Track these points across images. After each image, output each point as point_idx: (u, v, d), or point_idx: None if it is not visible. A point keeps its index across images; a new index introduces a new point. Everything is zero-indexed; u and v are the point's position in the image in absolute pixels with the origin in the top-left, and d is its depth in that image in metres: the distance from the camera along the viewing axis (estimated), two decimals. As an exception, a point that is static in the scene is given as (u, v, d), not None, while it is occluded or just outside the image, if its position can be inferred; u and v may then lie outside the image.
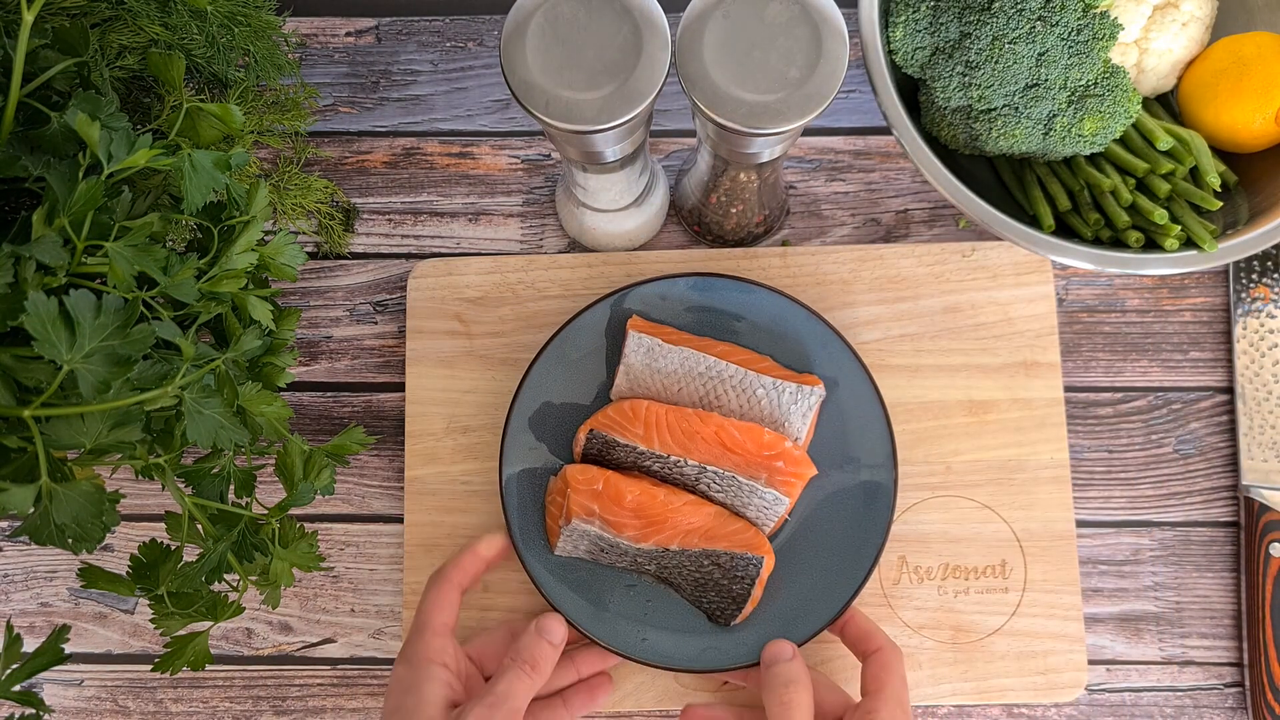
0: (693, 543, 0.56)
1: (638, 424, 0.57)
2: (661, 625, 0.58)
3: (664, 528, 0.56)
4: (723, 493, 0.57)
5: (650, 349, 0.58)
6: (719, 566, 0.56)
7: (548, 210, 0.68)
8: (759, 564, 0.56)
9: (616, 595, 0.58)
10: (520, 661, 0.50)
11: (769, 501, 0.57)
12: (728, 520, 0.57)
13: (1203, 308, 0.66)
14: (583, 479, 0.56)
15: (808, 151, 0.68)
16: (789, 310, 0.59)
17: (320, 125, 0.69)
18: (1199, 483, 0.64)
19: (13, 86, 0.45)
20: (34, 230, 0.43)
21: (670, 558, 0.57)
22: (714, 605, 0.57)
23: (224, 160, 0.48)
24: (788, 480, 0.57)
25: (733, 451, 0.57)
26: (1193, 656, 0.62)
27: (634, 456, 0.58)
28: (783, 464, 0.56)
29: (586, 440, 0.58)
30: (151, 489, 0.65)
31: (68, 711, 0.63)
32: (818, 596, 0.57)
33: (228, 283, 0.50)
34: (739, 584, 0.56)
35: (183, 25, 0.58)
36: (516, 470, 0.59)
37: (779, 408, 0.57)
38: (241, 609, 0.52)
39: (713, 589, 0.57)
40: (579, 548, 0.58)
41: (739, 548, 0.56)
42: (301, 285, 0.67)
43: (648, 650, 0.57)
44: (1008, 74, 0.55)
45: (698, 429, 0.57)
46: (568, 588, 0.58)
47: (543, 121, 0.45)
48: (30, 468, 0.41)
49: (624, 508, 0.56)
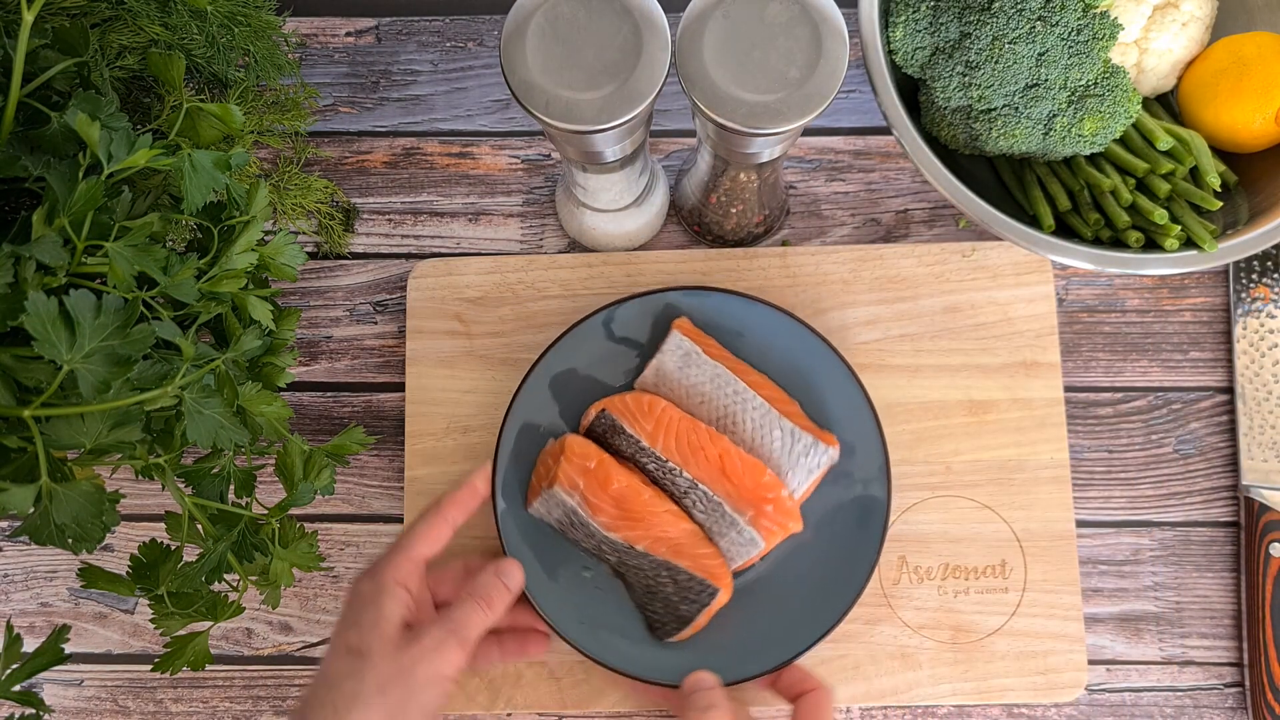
0: (659, 550, 0.56)
1: (649, 420, 0.57)
2: (600, 616, 0.57)
3: (637, 526, 0.56)
4: (705, 515, 0.57)
5: (687, 354, 0.58)
6: (675, 582, 0.56)
7: (548, 210, 0.68)
8: (713, 594, 0.55)
9: (569, 572, 0.58)
10: (476, 597, 0.51)
11: (744, 540, 0.56)
12: (700, 542, 0.56)
13: (1203, 308, 0.66)
14: (579, 452, 0.56)
15: (808, 151, 0.68)
16: (830, 367, 0.59)
17: (320, 125, 0.69)
18: (1199, 483, 0.64)
19: (13, 86, 0.45)
20: (34, 230, 0.43)
21: (632, 556, 0.57)
22: (657, 616, 0.57)
23: (224, 160, 0.48)
24: (770, 528, 0.56)
25: (729, 479, 0.56)
26: (1193, 656, 0.62)
27: (634, 450, 0.58)
28: (772, 509, 0.56)
29: (595, 418, 0.58)
30: (151, 489, 0.65)
31: (68, 711, 0.63)
32: (766, 643, 0.57)
33: (228, 283, 0.50)
34: (688, 605, 0.56)
35: (183, 25, 0.58)
36: (522, 421, 0.59)
37: (788, 455, 0.57)
38: (241, 609, 0.52)
39: (661, 601, 0.56)
40: (552, 514, 0.58)
41: (700, 572, 0.55)
42: (301, 285, 0.67)
43: (580, 634, 0.57)
44: (1008, 74, 0.55)
45: (704, 446, 0.56)
46: (527, 546, 0.58)
47: (543, 121, 0.45)
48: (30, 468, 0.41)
49: (608, 493, 0.56)
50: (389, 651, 0.47)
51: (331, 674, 0.47)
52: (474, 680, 0.60)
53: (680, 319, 0.59)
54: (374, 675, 0.46)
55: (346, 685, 0.46)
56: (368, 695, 0.46)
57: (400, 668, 0.47)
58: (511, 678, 0.60)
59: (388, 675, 0.46)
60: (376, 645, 0.47)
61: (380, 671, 0.46)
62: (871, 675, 0.60)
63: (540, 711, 0.60)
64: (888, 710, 0.61)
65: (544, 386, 0.60)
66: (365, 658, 0.47)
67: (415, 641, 0.48)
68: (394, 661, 0.47)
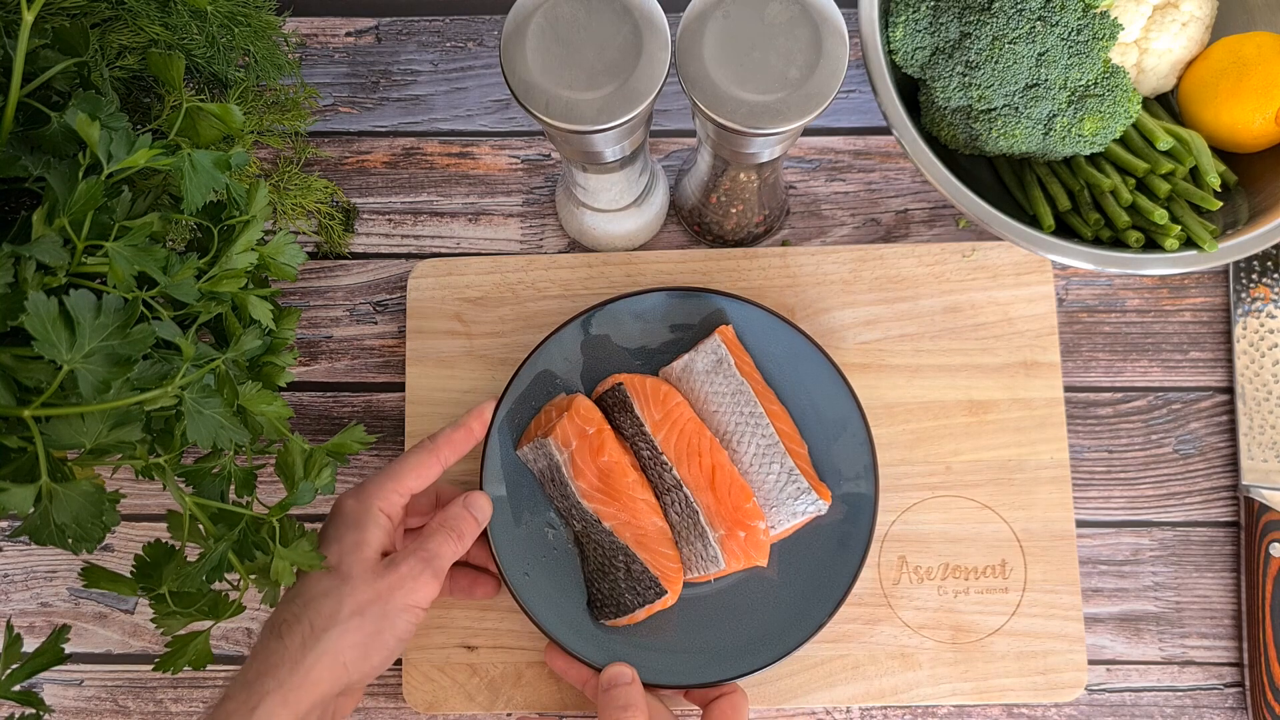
0: (623, 534, 0.56)
1: (660, 409, 0.57)
2: (549, 575, 0.58)
3: (611, 503, 0.56)
4: (678, 518, 0.57)
5: (720, 361, 0.58)
6: (628, 570, 0.56)
7: (548, 210, 0.68)
8: (659, 594, 0.55)
9: (533, 524, 0.59)
10: (448, 529, 0.52)
11: (708, 556, 0.56)
12: (665, 542, 0.56)
13: (1203, 308, 0.66)
14: (583, 415, 0.57)
15: (808, 151, 0.68)
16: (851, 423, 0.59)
17: (320, 125, 0.69)
18: (1199, 483, 0.64)
19: (13, 86, 0.45)
20: (34, 230, 0.43)
21: (596, 531, 0.57)
22: (599, 595, 0.57)
23: (224, 160, 0.48)
24: (735, 553, 0.56)
25: (714, 492, 0.56)
26: (1193, 656, 0.62)
27: (635, 431, 0.58)
28: (744, 536, 0.55)
29: (610, 389, 0.59)
30: (151, 489, 0.65)
31: (68, 711, 0.63)
32: (701, 657, 0.57)
33: (228, 282, 0.50)
34: (632, 596, 0.56)
35: (183, 25, 0.58)
36: (543, 367, 0.60)
37: (779, 492, 0.57)
38: (243, 608, 0.52)
39: (608, 582, 0.57)
40: (536, 464, 0.59)
41: (655, 569, 0.56)
42: (301, 285, 0.67)
43: (523, 585, 0.57)
44: (1008, 74, 0.55)
45: (701, 452, 0.57)
46: (503, 485, 0.59)
47: (543, 121, 0.45)
48: (30, 468, 0.41)
49: (595, 462, 0.56)
50: (368, 576, 0.48)
51: (308, 591, 0.48)
52: (474, 680, 0.60)
53: (726, 327, 0.59)
54: (352, 598, 0.47)
55: (325, 605, 0.47)
56: (345, 617, 0.47)
57: (378, 593, 0.48)
58: (511, 678, 0.60)
59: (365, 600, 0.48)
60: (356, 569, 0.48)
61: (358, 595, 0.48)
62: (871, 675, 0.60)
63: (540, 711, 0.60)
64: (888, 710, 0.61)
65: (576, 341, 0.60)
66: (345, 580, 0.48)
67: (393, 569, 0.49)
68: (372, 587, 0.48)
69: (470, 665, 0.61)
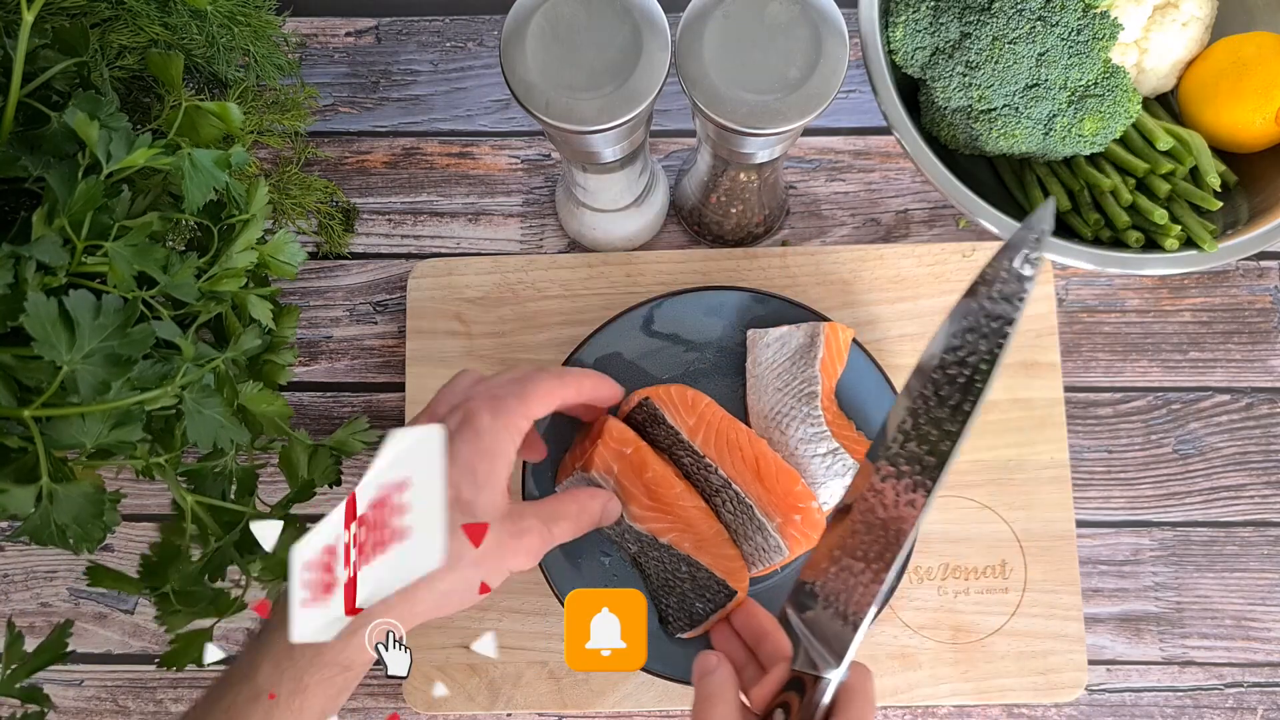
0: (682, 545, 0.55)
1: (692, 414, 0.57)
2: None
3: (664, 518, 0.55)
4: (733, 516, 0.56)
5: (814, 347, 0.58)
6: (693, 578, 0.55)
7: (548, 210, 0.68)
8: (730, 596, 0.54)
9: (589, 562, 0.59)
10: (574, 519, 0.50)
11: (770, 547, 0.55)
12: (724, 543, 0.56)
13: (1203, 308, 0.66)
14: (617, 436, 0.55)
15: (808, 151, 0.68)
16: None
17: (320, 125, 0.69)
18: (1199, 483, 0.64)
19: (13, 86, 0.45)
20: (34, 230, 0.43)
21: (654, 548, 0.56)
22: (669, 610, 0.56)
23: (224, 159, 0.48)
24: (796, 537, 0.55)
25: (762, 483, 0.56)
26: (1193, 656, 0.62)
27: (672, 441, 0.57)
28: (800, 519, 0.55)
29: (637, 405, 0.57)
30: (152, 489, 0.65)
31: (68, 711, 0.63)
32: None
33: (228, 282, 0.50)
34: (703, 603, 0.55)
35: (183, 25, 0.58)
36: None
37: (826, 470, 0.56)
38: (244, 605, 0.52)
39: (676, 595, 0.56)
40: None
41: (720, 572, 0.55)
42: (301, 285, 0.67)
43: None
44: (1008, 74, 0.55)
45: (741, 445, 0.56)
46: None
47: (543, 121, 0.45)
48: (31, 468, 0.41)
49: (641, 480, 0.55)
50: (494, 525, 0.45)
51: None
52: (474, 680, 0.60)
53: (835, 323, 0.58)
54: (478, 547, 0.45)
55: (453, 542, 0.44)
56: (465, 563, 0.44)
57: (498, 543, 0.45)
58: (511, 678, 0.60)
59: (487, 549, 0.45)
60: (486, 511, 0.45)
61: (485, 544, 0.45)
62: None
63: (540, 711, 0.60)
64: (888, 710, 0.61)
65: (590, 365, 0.60)
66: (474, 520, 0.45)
67: (516, 520, 0.46)
68: (495, 535, 0.45)
69: (470, 665, 0.61)
